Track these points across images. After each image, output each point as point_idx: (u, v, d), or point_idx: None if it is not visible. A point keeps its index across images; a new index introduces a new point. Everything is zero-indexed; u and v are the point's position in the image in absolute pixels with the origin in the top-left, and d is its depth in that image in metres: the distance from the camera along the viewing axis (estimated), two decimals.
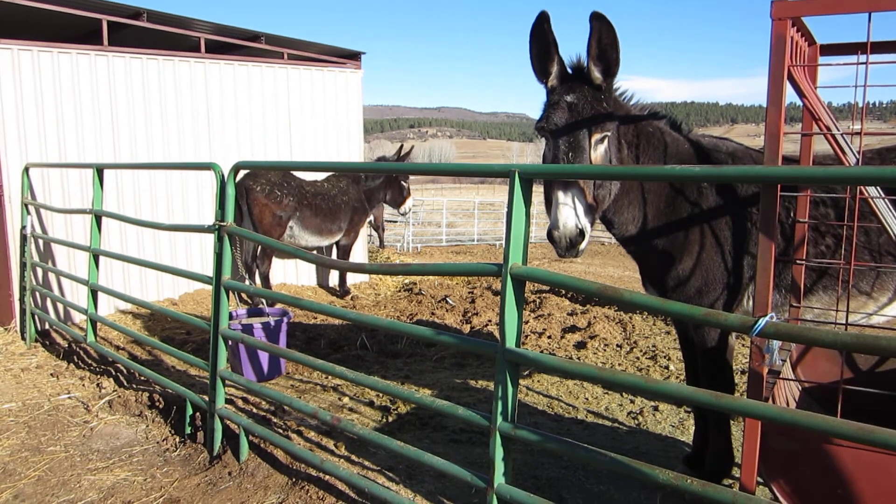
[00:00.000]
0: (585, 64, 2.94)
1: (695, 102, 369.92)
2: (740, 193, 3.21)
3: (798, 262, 3.03)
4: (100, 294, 5.69)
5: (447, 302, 8.72)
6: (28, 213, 6.62)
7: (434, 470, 2.95)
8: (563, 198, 2.80)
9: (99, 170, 5.52)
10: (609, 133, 2.99)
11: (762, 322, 1.96)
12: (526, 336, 7.01)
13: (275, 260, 9.00)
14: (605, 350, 6.54)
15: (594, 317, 7.47)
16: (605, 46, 2.87)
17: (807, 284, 3.16)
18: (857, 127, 2.54)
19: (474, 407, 4.26)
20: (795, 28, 2.48)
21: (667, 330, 6.99)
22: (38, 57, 7.16)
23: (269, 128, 9.05)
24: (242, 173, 7.97)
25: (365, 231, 10.29)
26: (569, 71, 3.02)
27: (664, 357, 6.08)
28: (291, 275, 9.58)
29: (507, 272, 2.55)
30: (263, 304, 7.06)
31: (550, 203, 2.86)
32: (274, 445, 3.82)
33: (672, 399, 4.88)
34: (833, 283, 3.18)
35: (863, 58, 2.46)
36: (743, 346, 6.02)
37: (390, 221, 20.96)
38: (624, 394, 5.21)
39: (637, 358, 6.23)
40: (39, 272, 7.14)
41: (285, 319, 5.91)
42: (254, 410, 4.68)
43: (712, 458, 3.48)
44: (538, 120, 3.06)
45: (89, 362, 5.94)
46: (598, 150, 2.96)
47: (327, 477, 3.49)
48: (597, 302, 8.08)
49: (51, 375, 5.57)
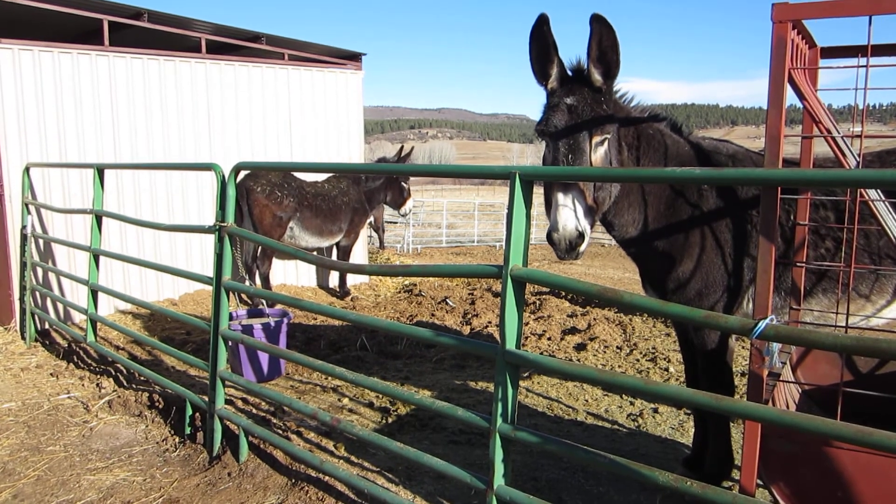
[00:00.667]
0: (586, 66, 2.93)
1: (695, 104, 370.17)
2: (741, 196, 3.21)
3: (798, 265, 3.03)
4: (100, 294, 5.70)
5: (447, 303, 8.72)
6: (28, 213, 6.62)
7: (433, 471, 2.95)
8: (563, 200, 2.79)
9: (99, 170, 5.53)
10: (609, 135, 2.98)
11: (762, 324, 1.96)
12: (526, 338, 7.01)
13: (275, 261, 9.00)
14: (605, 352, 6.53)
15: (594, 319, 7.47)
16: (606, 48, 2.86)
17: (806, 287, 3.16)
18: (858, 129, 2.54)
19: (474, 408, 4.26)
20: (796, 31, 2.48)
21: (667, 332, 6.99)
22: (39, 57, 7.17)
23: (270, 128, 9.06)
24: (243, 174, 7.98)
25: (365, 232, 10.29)
26: (569, 73, 3.01)
27: (664, 359, 6.08)
28: (291, 275, 9.58)
29: (508, 274, 2.55)
30: (263, 305, 7.07)
31: (550, 205, 2.86)
32: (273, 446, 3.82)
33: (672, 401, 4.88)
34: (832, 286, 3.18)
35: (863, 60, 2.47)
36: (743, 349, 6.01)
37: (390, 222, 20.95)
38: (624, 396, 5.20)
39: (637, 360, 6.22)
40: (39, 272, 7.14)
41: (285, 320, 5.91)
42: (253, 411, 4.68)
43: (712, 461, 3.47)
44: (538, 122, 3.05)
45: (89, 362, 5.94)
46: (598, 153, 2.96)
47: (327, 478, 3.49)
48: (597, 304, 8.08)
49: (50, 375, 5.57)
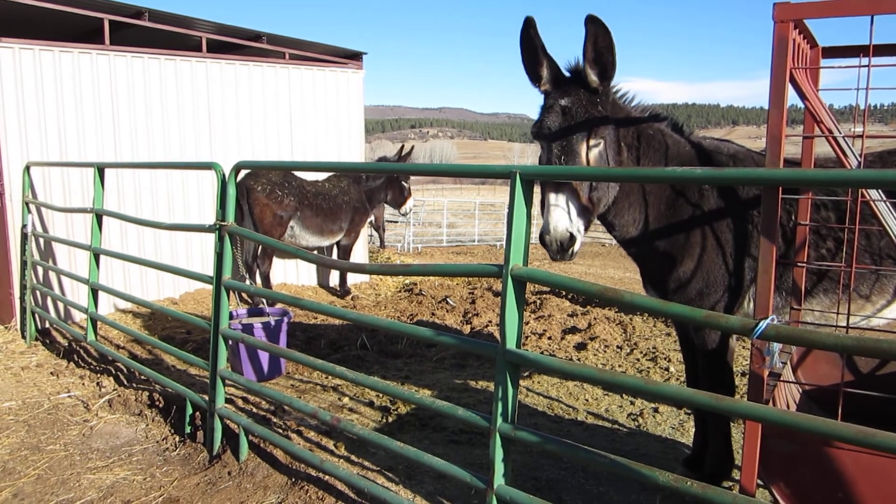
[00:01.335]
0: (581, 67, 2.93)
1: (696, 104, 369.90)
2: (742, 196, 3.21)
3: (799, 265, 3.03)
4: (100, 293, 5.69)
5: (447, 302, 8.72)
6: (29, 212, 6.62)
7: (434, 470, 2.95)
8: (555, 200, 2.79)
9: (100, 169, 5.52)
10: (604, 137, 2.97)
11: (763, 324, 1.96)
12: (526, 337, 7.01)
13: (275, 260, 9.00)
14: (606, 351, 6.53)
15: (594, 318, 7.47)
16: (601, 49, 2.86)
17: (807, 287, 3.15)
18: (859, 129, 2.53)
19: (474, 408, 4.25)
20: (797, 30, 2.47)
21: (667, 332, 6.99)
22: (40, 56, 7.17)
23: (270, 127, 9.06)
24: (243, 173, 7.98)
25: (366, 231, 10.30)
26: (565, 74, 3.02)
27: (664, 359, 6.08)
28: (292, 275, 9.58)
29: (508, 273, 2.54)
30: (264, 304, 7.06)
31: (542, 206, 2.86)
32: (274, 445, 3.82)
33: (672, 401, 4.87)
34: (833, 286, 3.18)
35: (865, 60, 2.46)
36: (743, 349, 6.01)
37: (391, 222, 20.97)
38: (624, 395, 5.20)
39: (637, 359, 6.22)
40: (40, 271, 7.13)
41: (286, 319, 5.91)
42: (254, 410, 4.68)
43: (712, 461, 3.47)
44: (533, 124, 3.06)
45: (89, 361, 5.94)
46: (593, 153, 2.95)
47: (327, 477, 3.48)
48: (597, 303, 8.07)
49: (51, 374, 5.57)
